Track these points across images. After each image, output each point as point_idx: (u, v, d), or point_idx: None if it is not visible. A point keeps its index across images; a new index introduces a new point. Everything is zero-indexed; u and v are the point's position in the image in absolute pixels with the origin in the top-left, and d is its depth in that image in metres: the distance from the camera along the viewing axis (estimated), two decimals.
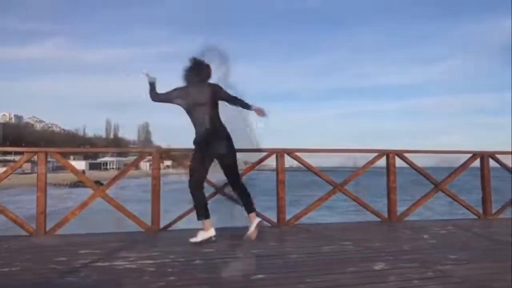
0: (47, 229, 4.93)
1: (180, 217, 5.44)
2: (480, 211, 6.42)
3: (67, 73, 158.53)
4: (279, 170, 5.72)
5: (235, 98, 4.35)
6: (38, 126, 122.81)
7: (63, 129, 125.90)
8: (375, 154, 6.10)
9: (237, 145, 4.43)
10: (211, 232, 4.24)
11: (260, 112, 4.35)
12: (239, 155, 4.53)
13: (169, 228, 5.30)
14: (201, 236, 4.20)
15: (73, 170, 5.34)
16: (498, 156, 6.56)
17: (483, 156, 6.45)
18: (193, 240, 4.16)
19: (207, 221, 4.31)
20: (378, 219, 6.02)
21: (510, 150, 7.02)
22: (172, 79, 4.46)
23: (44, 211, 4.92)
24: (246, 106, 4.34)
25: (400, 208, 5.99)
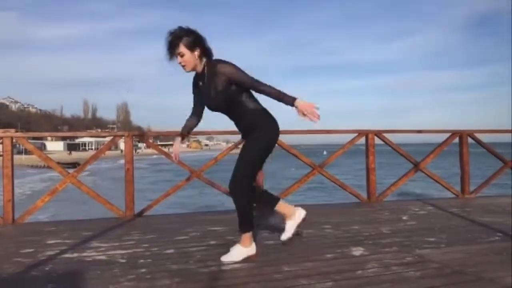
0: (16, 217, 4.74)
1: (156, 201, 5.31)
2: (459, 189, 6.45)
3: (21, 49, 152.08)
4: None
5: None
6: (14, 107, 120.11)
7: (40, 110, 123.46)
8: (355, 135, 6.03)
9: None
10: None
11: None
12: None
13: (145, 214, 5.15)
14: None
15: (41, 155, 5.11)
16: (476, 134, 6.54)
17: (462, 135, 6.43)
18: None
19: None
20: (358, 200, 6.00)
21: (487, 128, 7.04)
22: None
23: (12, 199, 4.71)
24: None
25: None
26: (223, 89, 2.98)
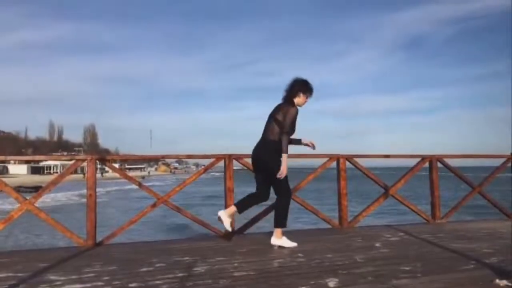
0: None
1: (120, 229, 5.05)
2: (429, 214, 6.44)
3: None
4: (227, 176, 5.43)
5: (283, 132, 4.33)
6: None
7: (3, 132, 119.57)
8: (326, 159, 5.96)
9: None
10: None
11: (311, 146, 4.78)
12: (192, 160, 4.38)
13: (108, 242, 4.88)
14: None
15: None
16: (446, 159, 6.59)
17: (432, 160, 6.45)
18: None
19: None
20: (329, 226, 5.88)
21: (454, 153, 7.10)
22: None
23: None
24: (295, 142, 4.68)
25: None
26: None
